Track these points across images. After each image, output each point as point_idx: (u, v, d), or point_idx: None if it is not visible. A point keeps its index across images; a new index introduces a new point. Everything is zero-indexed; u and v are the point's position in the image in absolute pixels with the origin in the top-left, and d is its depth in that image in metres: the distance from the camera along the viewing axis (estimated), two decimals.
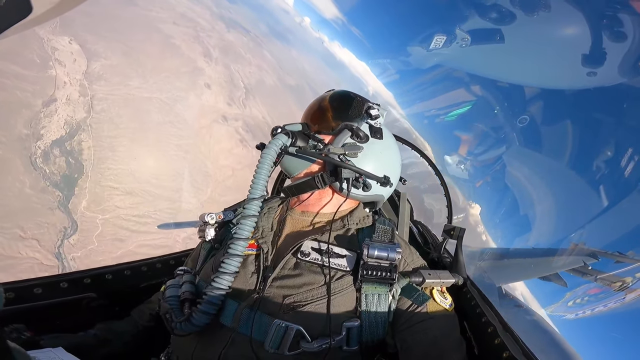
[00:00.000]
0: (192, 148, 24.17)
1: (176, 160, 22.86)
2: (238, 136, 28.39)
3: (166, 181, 21.27)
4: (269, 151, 1.03)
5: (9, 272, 16.09)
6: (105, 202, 18.77)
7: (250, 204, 1.00)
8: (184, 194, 21.52)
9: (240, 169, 25.15)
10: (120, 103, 24.50)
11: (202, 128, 26.88)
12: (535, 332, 2.36)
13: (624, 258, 5.71)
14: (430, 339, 0.91)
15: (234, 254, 0.97)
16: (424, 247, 1.73)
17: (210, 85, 34.93)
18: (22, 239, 17.18)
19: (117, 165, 20.15)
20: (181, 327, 0.93)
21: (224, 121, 29.35)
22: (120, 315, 1.23)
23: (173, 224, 17.90)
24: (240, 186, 24.16)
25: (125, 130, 22.19)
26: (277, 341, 0.87)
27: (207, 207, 22.26)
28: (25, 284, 1.17)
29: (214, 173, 23.78)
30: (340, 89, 1.25)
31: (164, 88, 29.17)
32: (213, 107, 30.06)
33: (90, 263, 18.24)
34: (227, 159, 25.51)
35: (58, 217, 17.83)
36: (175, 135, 24.14)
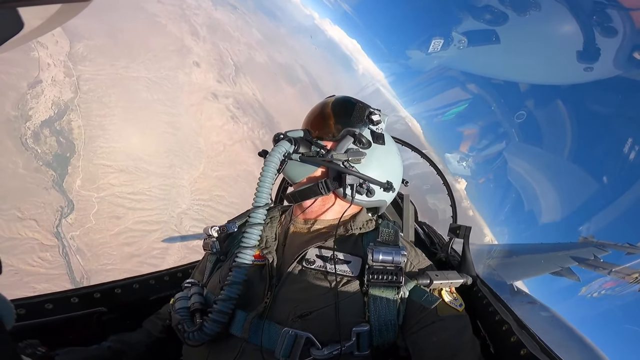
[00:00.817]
0: (183, 125, 23.92)
1: (168, 138, 22.71)
2: (229, 113, 28.01)
3: (159, 158, 21.26)
4: (272, 158, 0.99)
5: (10, 253, 16.37)
6: (99, 180, 18.87)
7: (255, 212, 0.97)
8: (177, 170, 21.58)
9: (231, 145, 25.06)
10: (107, 83, 23.92)
11: (193, 105, 26.45)
12: (552, 328, 2.31)
13: (635, 249, 5.58)
14: (442, 341, 0.89)
15: (242, 262, 0.96)
16: (430, 248, 1.69)
17: (200, 63, 33.94)
18: (20, 219, 17.34)
19: (109, 143, 20.04)
20: (194, 336, 0.92)
21: (215, 98, 28.81)
22: (131, 328, 1.21)
23: (179, 237, 18.22)
24: (232, 161, 24.24)
25: (114, 109, 21.84)
26: (287, 350, 0.86)
27: (200, 182, 22.44)
28: (36, 299, 1.16)
29: (206, 149, 23.71)
30: (342, 95, 1.22)
31: (151, 67, 28.35)
32: (203, 85, 29.40)
33: (89, 241, 18.66)
34: (219, 135, 25.33)
35: (54, 196, 17.99)
36: (165, 113, 23.79)
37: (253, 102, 31.69)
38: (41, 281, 16.79)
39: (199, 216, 20.62)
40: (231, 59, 38.20)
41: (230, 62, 37.84)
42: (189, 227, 19.98)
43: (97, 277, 18.17)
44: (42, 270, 17.08)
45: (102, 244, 18.77)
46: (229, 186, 22.83)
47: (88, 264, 18.25)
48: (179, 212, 19.48)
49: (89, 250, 18.54)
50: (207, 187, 21.91)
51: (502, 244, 12.13)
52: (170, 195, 20.48)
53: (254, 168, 25.22)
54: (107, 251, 18.79)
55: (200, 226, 20.96)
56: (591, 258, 5.34)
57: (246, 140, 26.15)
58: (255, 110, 30.88)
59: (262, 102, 32.88)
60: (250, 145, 26.17)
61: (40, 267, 17.07)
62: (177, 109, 25.01)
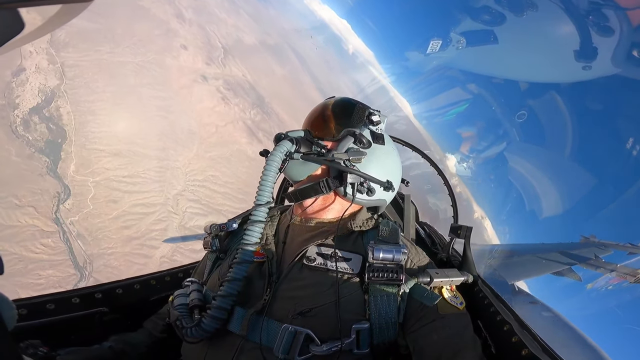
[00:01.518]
0: (174, 108, 23.62)
1: (159, 121, 22.49)
2: (219, 94, 27.58)
3: (152, 141, 21.17)
4: (274, 157, 0.99)
5: (12, 241, 16.55)
6: (93, 165, 18.88)
7: (257, 210, 0.97)
8: (171, 152, 21.56)
9: (223, 126, 24.88)
10: (92, 69, 23.37)
11: (182, 88, 26.00)
12: (554, 328, 2.30)
13: (636, 249, 5.57)
14: (442, 339, 0.88)
15: (243, 260, 0.95)
16: (431, 248, 1.68)
17: (187, 46, 33.03)
18: (18, 207, 17.39)
19: (100, 128, 19.87)
20: (192, 332, 0.91)
21: (204, 81, 28.25)
22: (132, 329, 1.21)
23: (180, 238, 18.33)
24: (224, 142, 24.19)
25: (102, 94, 21.49)
26: (286, 346, 0.86)
27: (193, 164, 22.49)
28: (37, 300, 1.16)
29: (198, 131, 23.57)
30: (342, 96, 1.22)
31: (137, 52, 27.61)
32: (191, 68, 28.74)
33: (88, 226, 18.91)
34: (210, 116, 25.09)
35: (49, 182, 18.06)
36: (155, 96, 23.42)
37: (243, 84, 31.12)
38: (45, 268, 17.11)
39: (194, 197, 20.83)
40: (219, 42, 37.17)
41: (219, 44, 36.84)
42: (185, 209, 20.22)
43: (100, 262, 18.58)
44: (45, 256, 17.35)
45: (101, 228, 19.03)
46: (222, 166, 22.91)
47: (89, 248, 18.55)
48: (174, 193, 19.65)
49: (89, 235, 18.80)
50: (201, 168, 21.99)
51: (504, 244, 11.89)
52: (165, 177, 20.58)
53: (246, 148, 25.22)
54: (107, 235, 19.08)
55: (196, 207, 21.19)
56: (592, 258, 5.32)
57: (238, 121, 25.94)
58: (246, 92, 30.39)
59: (253, 83, 32.31)
60: (242, 125, 26.00)
61: (43, 253, 17.34)
62: (167, 92, 24.61)
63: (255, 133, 26.17)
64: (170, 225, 19.54)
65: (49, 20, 0.61)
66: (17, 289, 15.59)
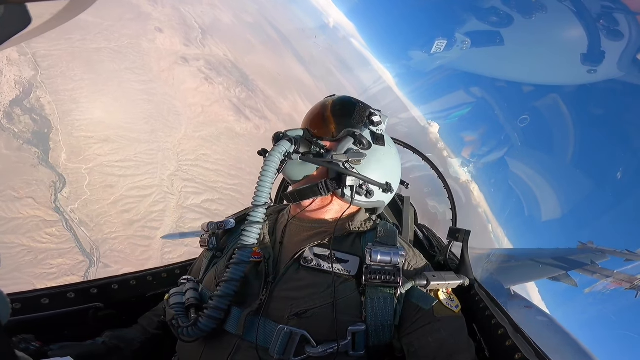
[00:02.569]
0: (157, 91, 23.22)
1: (144, 104, 22.17)
2: (202, 75, 27.02)
3: (139, 124, 21.01)
4: (272, 158, 0.96)
5: (17, 233, 16.62)
6: (84, 152, 18.86)
7: (255, 211, 0.95)
8: (159, 134, 21.47)
9: (209, 105, 24.64)
10: (66, 57, 22.56)
11: (163, 71, 25.38)
12: (548, 332, 2.30)
13: (633, 256, 5.55)
14: (437, 342, 0.88)
15: (240, 260, 0.94)
16: (429, 251, 1.67)
17: (162, 29, 31.71)
18: (17, 199, 17.39)
19: (84, 115, 19.61)
20: (188, 332, 0.90)
21: (185, 62, 27.50)
22: (127, 325, 1.19)
23: (178, 235, 18.32)
24: (212, 121, 24.12)
25: (81, 82, 20.96)
26: (282, 347, 0.86)
27: (184, 144, 22.56)
28: (32, 294, 1.13)
29: (184, 112, 23.35)
30: (342, 95, 1.18)
31: (110, 37, 26.52)
32: (170, 50, 27.84)
33: (89, 213, 19.22)
34: (195, 97, 24.75)
35: (43, 172, 18.09)
36: (136, 80, 22.90)
37: (225, 63, 30.35)
38: (55, 257, 17.35)
39: (188, 176, 21.08)
40: (195, 22, 35.66)
41: (195, 24, 35.38)
42: (180, 188, 20.54)
43: (105, 247, 19.07)
44: (52, 245, 17.54)
45: (101, 214, 19.35)
46: (212, 145, 22.99)
47: (94, 234, 18.84)
48: (168, 174, 19.87)
49: (91, 221, 19.09)
50: (191, 148, 22.06)
51: (501, 249, 11.43)
52: (157, 159, 20.66)
53: (234, 125, 25.19)
54: (108, 220, 19.44)
55: (191, 186, 21.53)
56: (589, 264, 5.34)
57: (223, 100, 25.66)
58: (228, 70, 29.72)
59: (235, 62, 31.51)
60: (228, 104, 25.76)
61: (50, 242, 17.53)
62: (148, 75, 24.04)
63: (242, 110, 26.01)
64: (168, 205, 19.95)
65: (57, 15, 0.61)
66: (32, 280, 15.97)
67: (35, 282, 15.94)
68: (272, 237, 1.11)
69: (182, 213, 20.12)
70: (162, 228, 20.13)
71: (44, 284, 15.78)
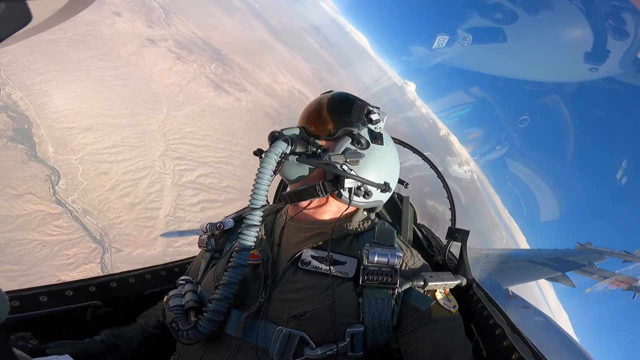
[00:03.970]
0: (130, 75, 22.35)
1: (119, 90, 21.46)
2: (173, 55, 25.89)
3: (119, 110, 20.55)
4: (268, 160, 0.94)
5: (27, 229, 16.66)
6: (70, 143, 18.60)
7: (252, 214, 0.93)
8: (142, 117, 21.12)
9: (186, 84, 24.01)
10: (24, 51, 21.13)
11: (131, 55, 24.19)
12: (545, 333, 2.26)
13: (631, 257, 5.46)
14: (434, 342, 0.87)
15: (238, 264, 0.92)
16: (428, 251, 1.64)
17: (120, 12, 29.45)
18: (17, 196, 17.27)
19: (61, 107, 19.00)
20: (188, 335, 0.89)
21: (152, 44, 26.08)
22: (126, 323, 1.18)
23: (177, 233, 18.24)
24: (192, 98, 23.68)
25: (47, 74, 19.95)
26: (281, 348, 0.86)
27: (168, 124, 22.38)
28: (30, 292, 1.11)
29: (162, 92, 22.78)
30: (339, 92, 1.12)
31: (65, 26, 24.62)
32: (133, 33, 26.20)
33: (90, 201, 19.42)
34: (170, 77, 23.99)
35: (35, 167, 17.92)
36: (105, 67, 21.89)
37: (195, 40, 28.88)
38: (69, 247, 17.54)
39: (178, 154, 21.16)
40: (155, 2, 33.10)
41: (155, 4, 32.85)
42: (173, 167, 20.74)
43: (113, 232, 19.51)
44: (63, 237, 17.71)
45: (102, 200, 19.55)
46: (196, 121, 22.81)
47: (100, 221, 18.89)
48: (159, 154, 19.95)
49: (94, 209, 19.18)
50: (176, 127, 21.86)
51: (500, 249, 11.48)
52: (145, 141, 20.55)
53: (215, 101, 24.83)
54: (110, 206, 19.67)
55: (183, 163, 21.73)
56: (586, 264, 5.27)
57: (200, 77, 24.94)
58: (200, 48, 28.39)
59: (205, 38, 29.96)
60: (206, 80, 25.08)
61: (60, 234, 17.69)
62: (117, 61, 22.93)
63: (221, 85, 25.40)
64: (165, 184, 20.26)
65: (59, 12, 0.59)
66: (55, 273, 16.14)
67: (58, 274, 16.26)
68: (270, 239, 1.09)
69: (179, 190, 20.54)
70: (163, 207, 20.55)
71: (66, 274, 16.30)
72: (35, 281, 15.08)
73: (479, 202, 14.09)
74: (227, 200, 20.97)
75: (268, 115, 25.69)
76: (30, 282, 14.88)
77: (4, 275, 15.17)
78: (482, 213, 13.30)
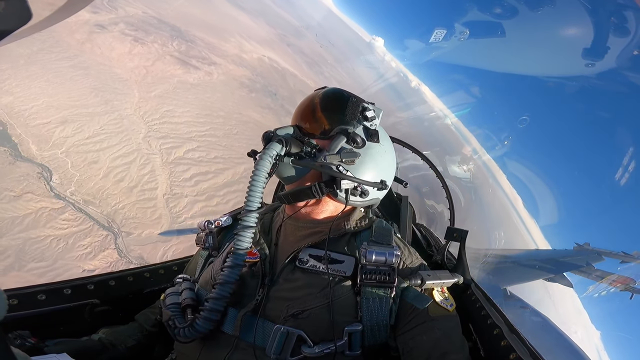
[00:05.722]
0: (89, 63, 20.87)
1: (82, 79, 20.14)
2: (129, 37, 24.01)
3: (88, 99, 19.52)
4: (263, 162, 0.90)
5: (38, 227, 16.39)
6: (51, 138, 17.86)
7: (248, 216, 0.90)
8: (115, 103, 20.22)
9: (151, 65, 22.77)
10: None
11: (83, 43, 22.26)
12: (543, 333, 2.21)
13: (629, 258, 5.37)
14: (431, 341, 0.85)
15: (235, 264, 0.90)
16: (427, 250, 1.61)
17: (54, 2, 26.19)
18: (17, 197, 16.84)
19: (29, 104, 17.87)
20: (185, 333, 0.87)
21: (103, 29, 23.84)
22: (124, 321, 1.15)
23: (175, 232, 17.71)
24: (161, 78, 22.70)
25: (2, 73, 18.34)
26: (278, 347, 0.83)
27: (143, 106, 21.69)
28: (28, 290, 1.08)
29: (129, 76, 21.64)
30: (333, 88, 1.07)
31: None
32: (78, 21, 23.65)
33: (88, 191, 19.30)
34: (133, 60, 22.60)
35: (24, 167, 17.22)
36: (59, 59, 20.20)
37: (149, 20, 26.53)
38: (82, 238, 17.51)
39: (161, 134, 20.73)
40: None
41: None
42: (159, 146, 20.69)
43: (119, 217, 19.65)
44: (74, 229, 17.61)
45: (99, 189, 19.26)
46: (172, 100, 22.08)
47: (103, 209, 18.73)
48: (142, 137, 19.69)
49: (94, 198, 18.78)
50: (153, 108, 21.16)
51: (499, 249, 11.16)
52: (125, 126, 19.95)
53: (186, 77, 23.82)
54: (108, 193, 19.38)
55: (167, 142, 21.66)
56: (584, 265, 5.21)
57: (164, 56, 23.56)
58: (156, 27, 26.19)
59: (159, 17, 27.50)
60: (171, 59, 23.76)
61: (70, 227, 17.58)
62: (69, 51, 21.11)
63: (188, 61, 24.10)
64: (155, 164, 20.10)
65: (57, 11, 0.57)
66: (78, 264, 16.26)
67: (82, 265, 16.41)
68: (268, 237, 1.06)
69: (171, 168, 20.57)
70: (159, 187, 20.43)
71: (89, 263, 16.51)
72: (63, 274, 15.36)
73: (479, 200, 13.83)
74: (218, 170, 21.46)
75: (243, 85, 25.13)
76: (59, 276, 15.17)
77: (33, 273, 15.25)
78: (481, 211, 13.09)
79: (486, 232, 10.75)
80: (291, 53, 34.98)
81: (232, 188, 20.48)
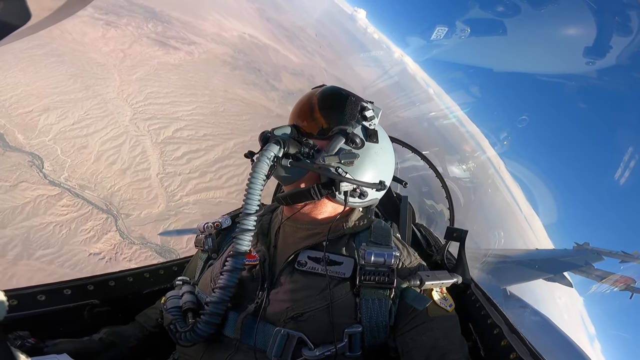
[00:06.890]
0: (63, 50, 19.97)
1: (58, 66, 19.34)
2: (100, 21, 22.86)
3: (70, 86, 18.94)
4: (260, 165, 0.87)
5: (38, 215, 16.24)
6: (36, 126, 17.42)
7: (246, 219, 0.87)
8: (96, 87, 19.69)
9: (128, 48, 21.98)
10: None
11: (51, 29, 21.14)
12: (542, 332, 2.17)
13: (629, 257, 5.29)
14: (431, 341, 0.83)
15: (234, 267, 0.87)
16: (426, 250, 1.58)
17: None
18: (13, 187, 16.58)
19: (8, 94, 17.22)
20: (186, 337, 0.85)
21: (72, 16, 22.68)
22: (124, 322, 1.13)
23: (175, 232, 17.04)
24: (140, 60, 22.01)
25: None
26: (279, 349, 0.82)
27: (126, 89, 21.06)
28: (28, 290, 1.06)
29: (106, 61, 20.92)
30: (331, 86, 1.03)
31: None
32: None
33: (82, 176, 19.05)
34: (108, 44, 21.73)
35: (15, 157, 16.82)
36: (30, 47, 19.16)
37: (120, 3, 25.04)
38: (83, 222, 17.44)
39: (147, 116, 20.46)
40: None
41: None
42: (147, 127, 20.52)
43: (116, 199, 19.63)
44: (74, 214, 17.52)
45: (93, 173, 18.86)
46: (154, 82, 21.58)
47: (100, 193, 18.65)
48: (129, 119, 19.44)
49: (89, 182, 18.62)
50: (136, 90, 20.69)
51: (499, 249, 10.70)
52: (110, 110, 19.57)
53: (166, 58, 23.17)
54: (103, 176, 19.05)
55: (155, 123, 21.42)
56: (583, 265, 5.12)
57: (141, 39, 22.66)
58: (128, 10, 24.85)
59: None
60: (148, 41, 22.88)
61: (70, 212, 17.48)
62: (40, 39, 20.00)
63: (166, 42, 23.31)
64: (145, 145, 19.92)
65: (55, 12, 0.56)
66: (84, 248, 16.27)
67: (87, 249, 16.41)
68: (267, 239, 1.04)
69: (161, 148, 20.26)
70: (152, 167, 20.07)
71: (93, 246, 16.59)
72: (72, 259, 15.60)
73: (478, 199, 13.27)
74: (209, 147, 21.49)
75: (225, 63, 24.42)
76: (68, 261, 15.50)
77: (42, 260, 15.28)
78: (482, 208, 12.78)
79: (486, 232, 10.66)
80: (271, 29, 33.64)
81: (223, 163, 20.68)
